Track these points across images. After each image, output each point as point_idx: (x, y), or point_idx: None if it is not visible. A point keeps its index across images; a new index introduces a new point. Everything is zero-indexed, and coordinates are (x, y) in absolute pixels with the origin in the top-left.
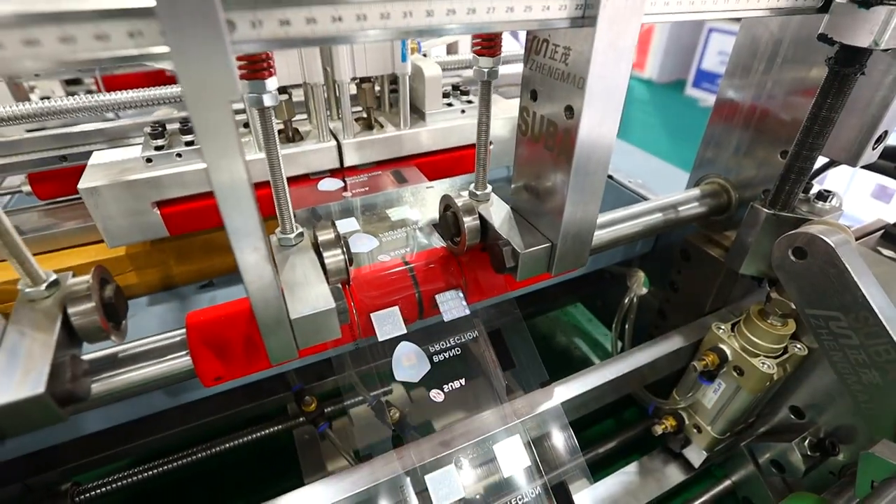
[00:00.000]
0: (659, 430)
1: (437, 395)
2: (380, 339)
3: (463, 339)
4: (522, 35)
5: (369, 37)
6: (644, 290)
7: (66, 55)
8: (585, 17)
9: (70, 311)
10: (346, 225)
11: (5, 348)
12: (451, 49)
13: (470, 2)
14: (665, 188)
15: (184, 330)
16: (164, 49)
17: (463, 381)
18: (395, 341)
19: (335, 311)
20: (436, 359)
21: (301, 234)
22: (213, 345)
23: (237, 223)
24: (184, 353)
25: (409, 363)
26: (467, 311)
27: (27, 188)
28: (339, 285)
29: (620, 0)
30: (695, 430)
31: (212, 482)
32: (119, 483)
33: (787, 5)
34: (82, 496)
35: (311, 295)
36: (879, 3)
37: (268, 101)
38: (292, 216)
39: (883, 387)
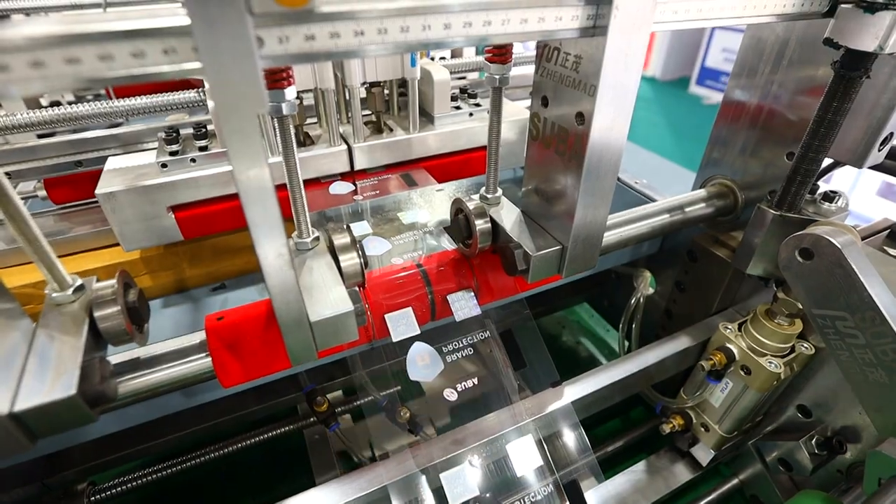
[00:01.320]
0: (667, 429)
1: (450, 394)
2: (394, 340)
3: (475, 340)
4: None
5: (389, 49)
6: (650, 291)
7: (104, 72)
8: (596, 27)
9: (96, 314)
10: (357, 228)
11: (36, 352)
12: (456, 52)
13: (486, 14)
14: (668, 187)
15: (203, 332)
16: (196, 65)
17: (475, 381)
18: (408, 342)
19: (353, 314)
20: (449, 358)
21: (317, 238)
22: (233, 347)
23: (262, 229)
24: (204, 354)
25: (423, 363)
26: (479, 311)
27: (42, 193)
28: (355, 288)
29: (631, 9)
30: (702, 429)
31: (224, 482)
32: (133, 483)
33: (792, 11)
34: (98, 496)
35: (329, 298)
36: (884, 8)
37: (286, 109)
38: (308, 221)
39: (889, 386)
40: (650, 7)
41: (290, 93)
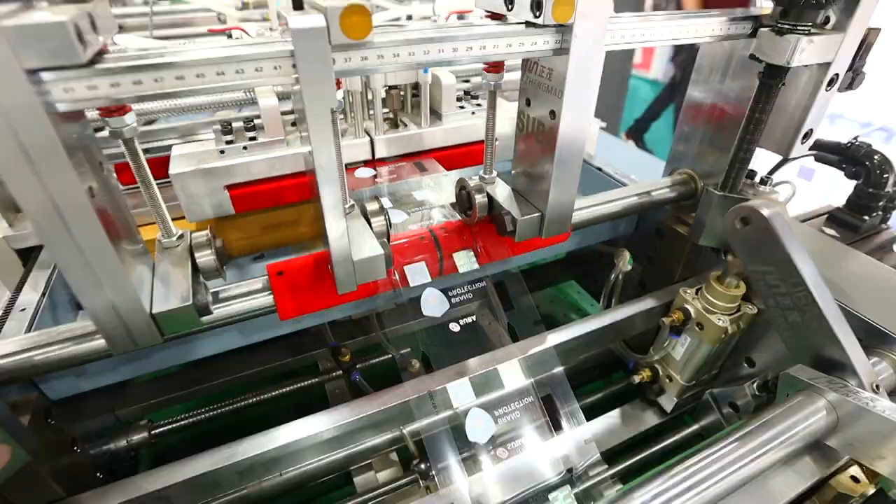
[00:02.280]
0: (637, 379)
1: (454, 326)
2: (411, 285)
3: (474, 287)
4: None
5: (413, 66)
6: (629, 267)
7: (235, 81)
8: (562, 49)
9: (196, 255)
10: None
11: (158, 277)
12: None
13: (482, 41)
14: None
15: (266, 276)
16: (294, 76)
17: (474, 317)
18: (422, 288)
19: (383, 257)
20: (454, 300)
21: (353, 206)
22: (289, 286)
23: (330, 195)
24: (267, 293)
25: (433, 302)
26: (477, 266)
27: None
28: (384, 239)
29: (587, 36)
30: (667, 380)
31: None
32: (186, 421)
33: (721, 34)
34: (156, 430)
35: (366, 246)
36: (790, 32)
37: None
38: (347, 192)
39: (801, 325)
40: (601, 34)
41: (339, 93)
